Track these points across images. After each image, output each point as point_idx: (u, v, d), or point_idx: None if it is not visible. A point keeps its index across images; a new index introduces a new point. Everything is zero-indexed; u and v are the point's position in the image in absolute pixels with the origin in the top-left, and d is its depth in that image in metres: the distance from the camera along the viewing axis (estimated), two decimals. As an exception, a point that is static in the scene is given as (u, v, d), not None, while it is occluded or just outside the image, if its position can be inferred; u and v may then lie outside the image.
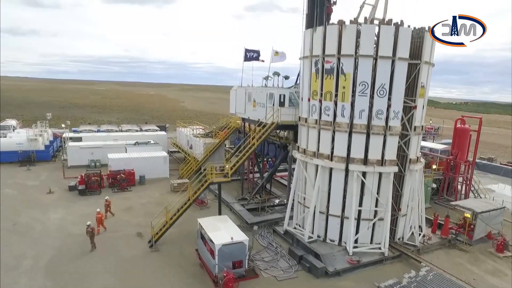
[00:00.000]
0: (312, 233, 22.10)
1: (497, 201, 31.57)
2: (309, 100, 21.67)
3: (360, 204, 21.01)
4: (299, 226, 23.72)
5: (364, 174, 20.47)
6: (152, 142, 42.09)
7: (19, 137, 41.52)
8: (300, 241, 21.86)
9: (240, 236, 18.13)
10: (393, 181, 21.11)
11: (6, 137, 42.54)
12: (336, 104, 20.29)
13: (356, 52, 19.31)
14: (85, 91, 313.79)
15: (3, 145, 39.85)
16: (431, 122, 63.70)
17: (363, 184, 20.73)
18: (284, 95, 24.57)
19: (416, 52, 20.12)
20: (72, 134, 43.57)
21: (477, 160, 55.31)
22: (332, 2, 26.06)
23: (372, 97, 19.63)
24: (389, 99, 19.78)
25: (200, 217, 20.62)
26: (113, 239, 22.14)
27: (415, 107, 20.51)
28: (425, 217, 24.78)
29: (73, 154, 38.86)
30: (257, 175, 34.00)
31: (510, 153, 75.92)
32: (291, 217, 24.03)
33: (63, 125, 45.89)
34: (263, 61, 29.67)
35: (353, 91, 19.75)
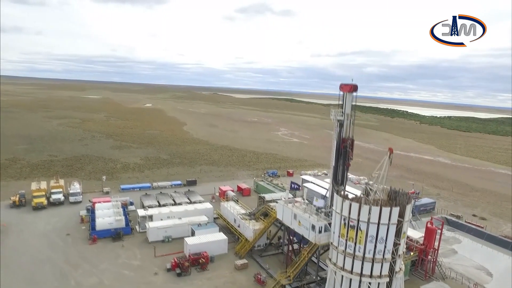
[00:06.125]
0: (339, 312, 37.36)
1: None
2: (339, 237, 36.96)
3: (368, 298, 36.42)
4: (330, 305, 39.01)
5: (370, 283, 35.88)
6: (208, 220, 56.76)
7: (108, 218, 55.39)
8: (333, 318, 37.14)
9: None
10: (386, 283, 36.59)
11: (99, 218, 56.07)
12: (355, 244, 35.64)
13: (368, 220, 34.63)
14: (83, 103, 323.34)
15: (99, 225, 53.87)
16: (413, 187, 79.64)
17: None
18: (322, 227, 39.79)
19: (402, 213, 35.58)
20: (144, 212, 57.57)
21: (448, 217, 71.96)
22: (349, 159, 41.58)
23: (376, 243, 35.02)
24: (385, 242, 35.21)
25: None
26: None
27: (399, 244, 36.05)
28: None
29: (153, 232, 53.16)
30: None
31: (479, 197, 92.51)
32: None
33: (142, 211, 59.56)
34: (301, 189, 44.64)
35: (366, 239, 35.12)
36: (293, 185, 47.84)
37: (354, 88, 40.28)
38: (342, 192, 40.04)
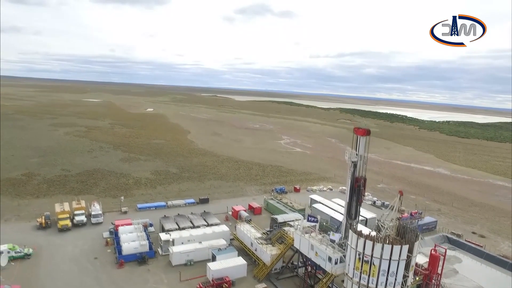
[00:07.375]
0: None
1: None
2: (354, 269, 40.99)
3: (380, 325, 40.48)
4: (344, 330, 43.08)
5: (382, 311, 39.95)
6: (226, 243, 60.68)
7: (133, 242, 59.13)
8: None
9: None
10: (397, 311, 40.68)
11: (124, 243, 59.73)
12: (369, 277, 39.69)
13: (381, 256, 38.67)
14: (85, 108, 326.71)
15: (125, 250, 57.67)
16: (416, 207, 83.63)
17: (382, 315, 40.20)
18: (338, 258, 43.78)
19: (410, 249, 39.65)
20: (167, 236, 61.37)
21: (448, 235, 75.99)
22: (363, 195, 45.64)
23: (387, 276, 39.06)
24: (396, 275, 39.26)
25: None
26: None
27: (408, 276, 40.13)
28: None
29: (176, 257, 57.02)
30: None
31: (478, 212, 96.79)
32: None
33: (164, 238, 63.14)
34: (317, 220, 48.64)
35: (378, 273, 39.16)
36: (310, 218, 51.95)
37: (367, 132, 44.36)
38: (355, 227, 44.21)
